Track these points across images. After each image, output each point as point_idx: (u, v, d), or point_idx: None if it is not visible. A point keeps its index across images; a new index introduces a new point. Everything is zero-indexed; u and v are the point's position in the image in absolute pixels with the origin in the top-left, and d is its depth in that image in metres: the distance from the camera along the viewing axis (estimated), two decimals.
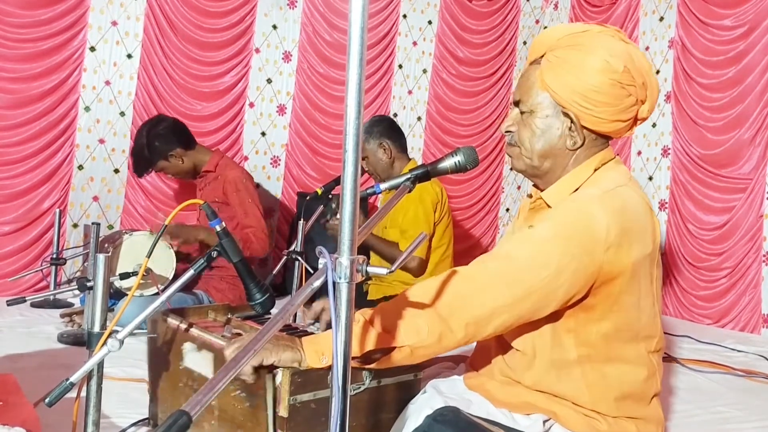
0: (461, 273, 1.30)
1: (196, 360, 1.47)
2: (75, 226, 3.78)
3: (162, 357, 1.60)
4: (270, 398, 1.25)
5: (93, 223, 2.68)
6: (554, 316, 1.33)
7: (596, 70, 1.31)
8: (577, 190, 1.38)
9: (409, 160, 3.21)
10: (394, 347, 1.25)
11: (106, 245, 2.72)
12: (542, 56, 1.40)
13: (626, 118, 1.37)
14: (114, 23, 3.86)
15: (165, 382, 1.61)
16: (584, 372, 1.35)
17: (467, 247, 4.65)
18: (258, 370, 1.25)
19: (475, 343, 1.55)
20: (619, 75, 1.31)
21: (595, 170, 1.39)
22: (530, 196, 1.55)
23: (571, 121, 1.36)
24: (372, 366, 1.29)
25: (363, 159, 3.12)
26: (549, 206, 1.40)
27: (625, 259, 1.27)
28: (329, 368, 1.26)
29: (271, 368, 1.27)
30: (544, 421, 1.37)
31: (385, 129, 3.15)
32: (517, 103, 1.44)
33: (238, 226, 3.00)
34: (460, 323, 1.24)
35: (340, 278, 0.84)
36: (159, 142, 3.07)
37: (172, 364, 1.56)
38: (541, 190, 1.45)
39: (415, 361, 1.29)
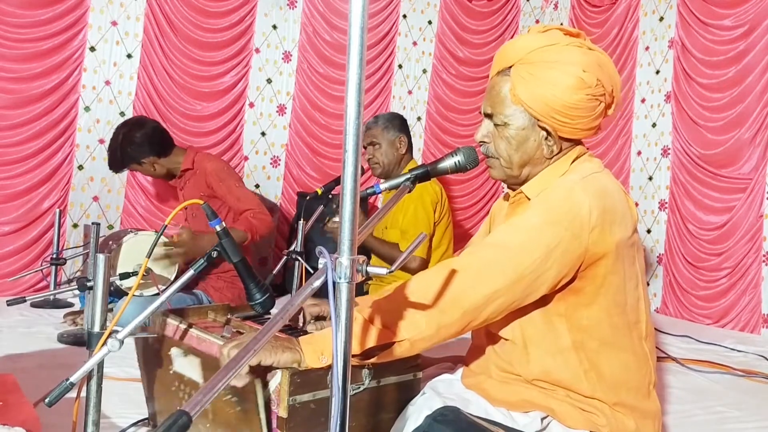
0: (455, 264, 1.32)
1: (184, 365, 1.46)
2: (75, 226, 3.78)
3: (152, 362, 1.60)
4: (261, 402, 1.25)
5: (93, 223, 2.68)
6: (544, 302, 1.36)
7: (572, 87, 1.34)
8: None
9: (411, 160, 3.23)
10: (394, 342, 1.27)
11: (110, 243, 2.72)
12: (509, 67, 1.41)
13: (597, 124, 1.43)
14: (114, 23, 3.86)
15: (158, 385, 1.61)
16: (580, 359, 1.37)
17: None
18: (250, 373, 1.24)
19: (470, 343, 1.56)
20: (593, 89, 1.36)
21: (571, 163, 1.44)
22: (506, 197, 1.58)
23: (548, 133, 1.40)
24: (372, 360, 1.30)
25: (373, 145, 3.14)
26: (529, 199, 1.43)
27: (608, 240, 1.31)
28: (328, 368, 1.26)
29: (262, 372, 1.26)
30: (542, 419, 1.37)
31: (404, 126, 3.24)
32: (489, 116, 1.45)
33: (232, 213, 2.97)
34: (457, 312, 1.27)
35: (340, 278, 0.84)
36: (131, 148, 2.99)
37: (164, 368, 1.56)
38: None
39: (414, 352, 1.32)
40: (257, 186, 4.23)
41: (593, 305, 1.35)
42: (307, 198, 2.78)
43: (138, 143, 2.99)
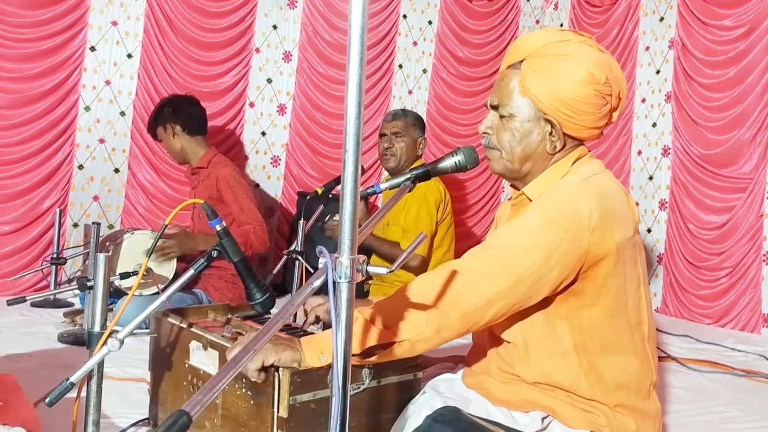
0: (456, 265, 1.32)
1: (202, 358, 1.47)
2: (75, 225, 3.78)
3: (165, 356, 1.60)
4: (276, 396, 1.26)
5: (93, 223, 2.68)
6: (545, 304, 1.35)
7: (582, 81, 1.35)
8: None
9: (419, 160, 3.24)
10: (394, 342, 1.27)
11: (108, 243, 2.72)
12: (521, 61, 1.42)
13: (602, 125, 1.42)
14: (114, 23, 3.86)
15: (167, 382, 1.61)
16: (581, 361, 1.36)
17: (466, 248, 4.59)
18: (266, 369, 1.25)
19: (471, 343, 1.56)
20: (602, 86, 1.36)
21: (573, 164, 1.43)
22: (510, 199, 1.58)
23: (552, 127, 1.40)
24: (372, 360, 1.30)
25: (397, 136, 3.15)
26: (531, 200, 1.42)
27: (609, 242, 1.31)
28: (329, 367, 1.26)
29: (273, 368, 1.27)
30: (543, 419, 1.37)
31: (425, 130, 3.28)
32: (495, 107, 1.46)
33: (235, 222, 3.00)
34: (457, 314, 1.26)
35: (340, 278, 0.84)
36: (167, 109, 3.16)
37: (176, 363, 1.56)
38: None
39: (415, 353, 1.31)
40: (257, 186, 4.23)
41: (595, 307, 1.35)
42: (307, 198, 2.77)
43: (176, 107, 3.17)
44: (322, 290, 0.90)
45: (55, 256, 3.32)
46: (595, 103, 1.36)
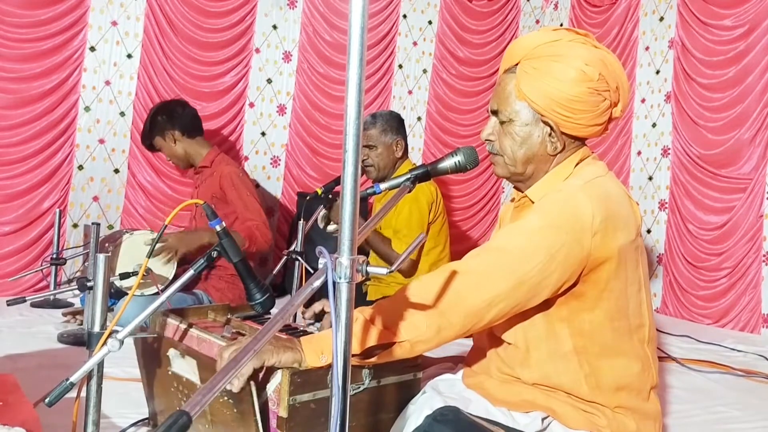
0: (456, 267, 1.32)
1: (181, 366, 1.46)
2: (75, 226, 3.78)
3: (153, 361, 1.60)
4: (256, 405, 1.25)
5: (93, 223, 2.67)
6: (546, 306, 1.35)
7: (574, 80, 1.34)
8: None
9: (406, 160, 3.21)
10: (394, 342, 1.27)
11: (107, 244, 2.72)
12: (516, 65, 1.42)
13: (602, 122, 1.41)
14: (114, 23, 3.86)
15: (158, 385, 1.61)
16: (581, 364, 1.36)
17: (467, 248, 4.59)
18: (248, 378, 1.23)
19: (471, 343, 1.56)
20: (595, 83, 1.35)
21: (576, 166, 1.43)
22: (513, 200, 1.57)
23: (551, 128, 1.40)
24: (372, 360, 1.30)
25: (369, 148, 3.11)
26: (533, 203, 1.42)
27: (611, 245, 1.31)
28: (329, 367, 1.26)
29: (257, 375, 1.26)
30: (543, 419, 1.37)
31: (402, 127, 3.20)
32: (495, 113, 1.46)
33: (239, 219, 2.99)
34: (458, 315, 1.27)
35: (340, 278, 0.84)
36: (162, 118, 3.13)
37: (162, 369, 1.55)
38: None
39: (414, 354, 1.31)
40: (257, 186, 4.23)
41: (595, 310, 1.35)
42: (307, 198, 2.78)
43: (169, 114, 3.13)
44: (321, 291, 0.90)
45: (55, 256, 3.32)
46: (590, 100, 1.36)
